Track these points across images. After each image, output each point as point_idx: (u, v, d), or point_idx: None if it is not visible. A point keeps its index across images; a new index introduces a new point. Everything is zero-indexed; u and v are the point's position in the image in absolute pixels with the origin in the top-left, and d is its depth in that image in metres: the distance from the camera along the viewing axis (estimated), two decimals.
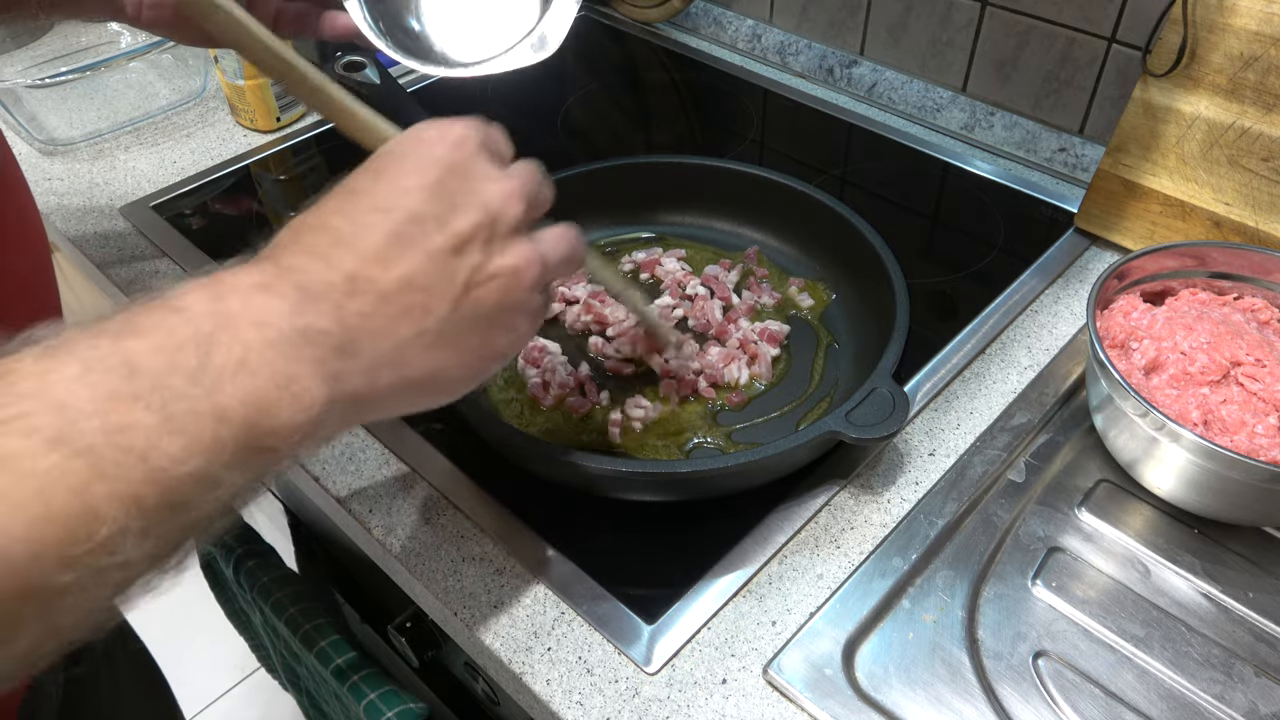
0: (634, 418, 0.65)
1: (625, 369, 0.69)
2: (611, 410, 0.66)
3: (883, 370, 0.60)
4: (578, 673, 0.53)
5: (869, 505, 0.61)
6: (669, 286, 0.75)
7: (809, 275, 0.77)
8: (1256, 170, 0.71)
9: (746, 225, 0.81)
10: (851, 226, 0.72)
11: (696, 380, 0.67)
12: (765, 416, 0.66)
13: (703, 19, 1.16)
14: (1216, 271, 0.67)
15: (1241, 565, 0.58)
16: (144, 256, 0.84)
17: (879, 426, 0.56)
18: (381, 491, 0.63)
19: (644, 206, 0.81)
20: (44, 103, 0.99)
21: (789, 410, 0.67)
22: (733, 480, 0.58)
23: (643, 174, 0.80)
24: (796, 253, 0.79)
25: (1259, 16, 0.68)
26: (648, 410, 0.65)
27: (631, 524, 0.61)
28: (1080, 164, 0.90)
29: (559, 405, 0.66)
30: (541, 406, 0.66)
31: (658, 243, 0.80)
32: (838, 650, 0.53)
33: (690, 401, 0.67)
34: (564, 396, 0.66)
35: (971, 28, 0.92)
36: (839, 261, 0.75)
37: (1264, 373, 0.58)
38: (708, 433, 0.65)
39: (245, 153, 0.97)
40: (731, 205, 0.80)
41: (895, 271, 0.67)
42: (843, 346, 0.71)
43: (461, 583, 0.57)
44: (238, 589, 0.78)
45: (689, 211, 0.81)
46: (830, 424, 0.56)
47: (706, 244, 0.80)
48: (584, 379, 0.67)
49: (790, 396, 0.68)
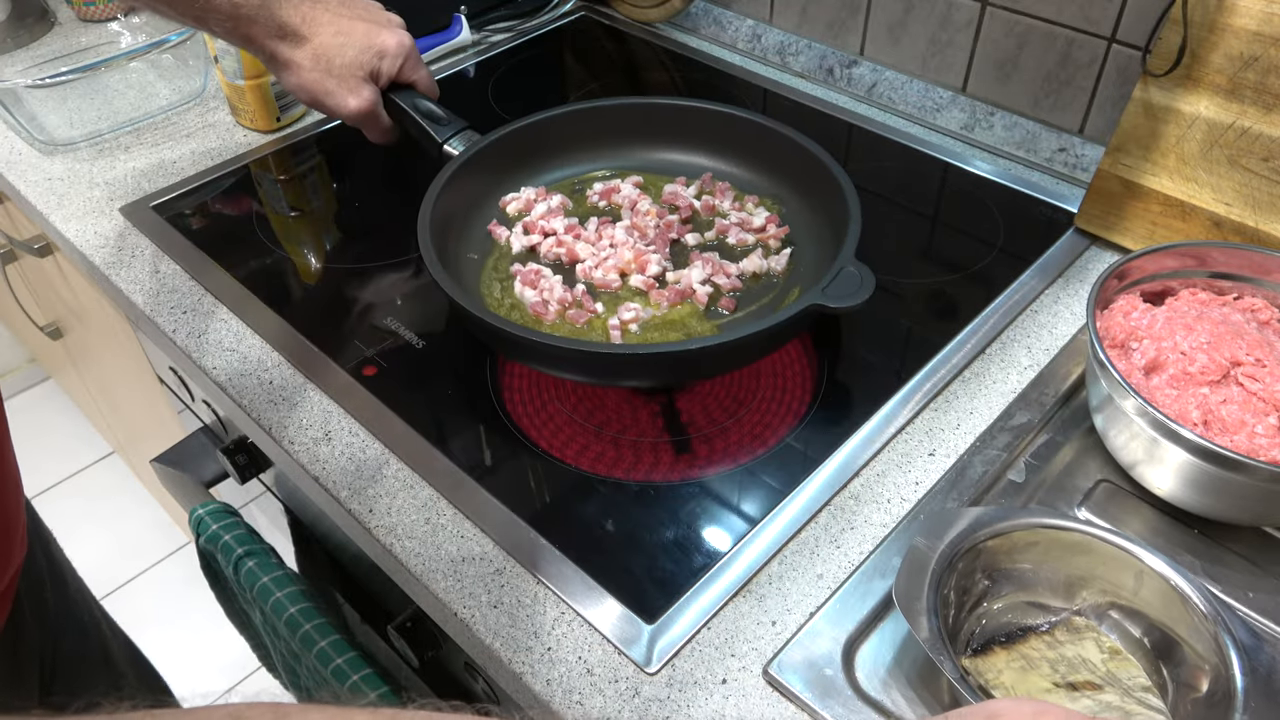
0: (627, 320, 0.70)
1: (613, 284, 0.74)
2: (609, 317, 0.71)
3: (846, 252, 0.66)
4: (578, 673, 0.53)
5: (869, 505, 0.61)
6: (626, 208, 0.81)
7: (759, 193, 0.83)
8: (1256, 170, 0.71)
9: (698, 155, 0.86)
10: (792, 142, 0.79)
11: (689, 288, 0.73)
12: (746, 310, 0.72)
13: (703, 19, 1.16)
14: (1216, 271, 0.67)
15: (1241, 565, 0.58)
16: (144, 256, 0.84)
17: (852, 296, 0.62)
18: (381, 491, 0.63)
19: (601, 145, 0.86)
20: (44, 103, 0.99)
21: (767, 302, 0.73)
22: (730, 358, 0.66)
23: (596, 116, 0.86)
24: (746, 174, 0.84)
25: (1259, 16, 0.68)
26: (638, 312, 0.71)
27: (632, 523, 0.61)
28: (1080, 164, 0.90)
29: (561, 317, 0.71)
30: (545, 321, 0.71)
31: (615, 176, 0.85)
32: (838, 650, 0.53)
33: (682, 305, 0.72)
34: (563, 310, 0.71)
35: (971, 28, 0.92)
36: (785, 176, 0.82)
37: (1264, 373, 0.58)
38: (699, 328, 0.71)
39: (245, 153, 0.97)
40: (683, 139, 0.86)
41: (840, 174, 0.74)
42: (802, 246, 0.78)
43: (461, 583, 0.57)
44: (238, 589, 0.78)
45: (643, 147, 0.87)
46: (811, 298, 0.62)
47: (661, 174, 0.86)
48: (579, 294, 0.72)
49: (766, 291, 0.74)
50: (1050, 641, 0.52)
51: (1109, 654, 0.51)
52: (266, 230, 0.87)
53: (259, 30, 0.75)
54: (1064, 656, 0.51)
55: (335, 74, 0.78)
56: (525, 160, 0.83)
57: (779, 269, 0.75)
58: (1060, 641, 0.52)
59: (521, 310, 0.72)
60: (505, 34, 1.17)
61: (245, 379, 0.72)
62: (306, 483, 0.66)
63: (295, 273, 0.83)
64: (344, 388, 0.70)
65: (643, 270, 0.74)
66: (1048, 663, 0.51)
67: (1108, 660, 0.51)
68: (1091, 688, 0.49)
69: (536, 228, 0.78)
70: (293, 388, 0.71)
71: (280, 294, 0.79)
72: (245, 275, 0.81)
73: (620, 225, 0.78)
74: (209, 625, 1.15)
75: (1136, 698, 0.49)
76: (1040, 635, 0.53)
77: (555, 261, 0.77)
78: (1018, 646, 0.52)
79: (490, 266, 0.77)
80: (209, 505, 0.80)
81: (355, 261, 0.84)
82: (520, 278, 0.74)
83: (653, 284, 0.73)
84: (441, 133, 0.81)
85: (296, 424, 0.68)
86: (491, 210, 0.82)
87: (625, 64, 1.14)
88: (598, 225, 0.78)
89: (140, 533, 1.79)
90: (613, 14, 1.21)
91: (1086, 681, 0.50)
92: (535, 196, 0.81)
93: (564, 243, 0.77)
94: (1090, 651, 0.51)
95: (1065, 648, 0.52)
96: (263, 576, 0.74)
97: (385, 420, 0.67)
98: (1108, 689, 0.49)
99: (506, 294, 0.74)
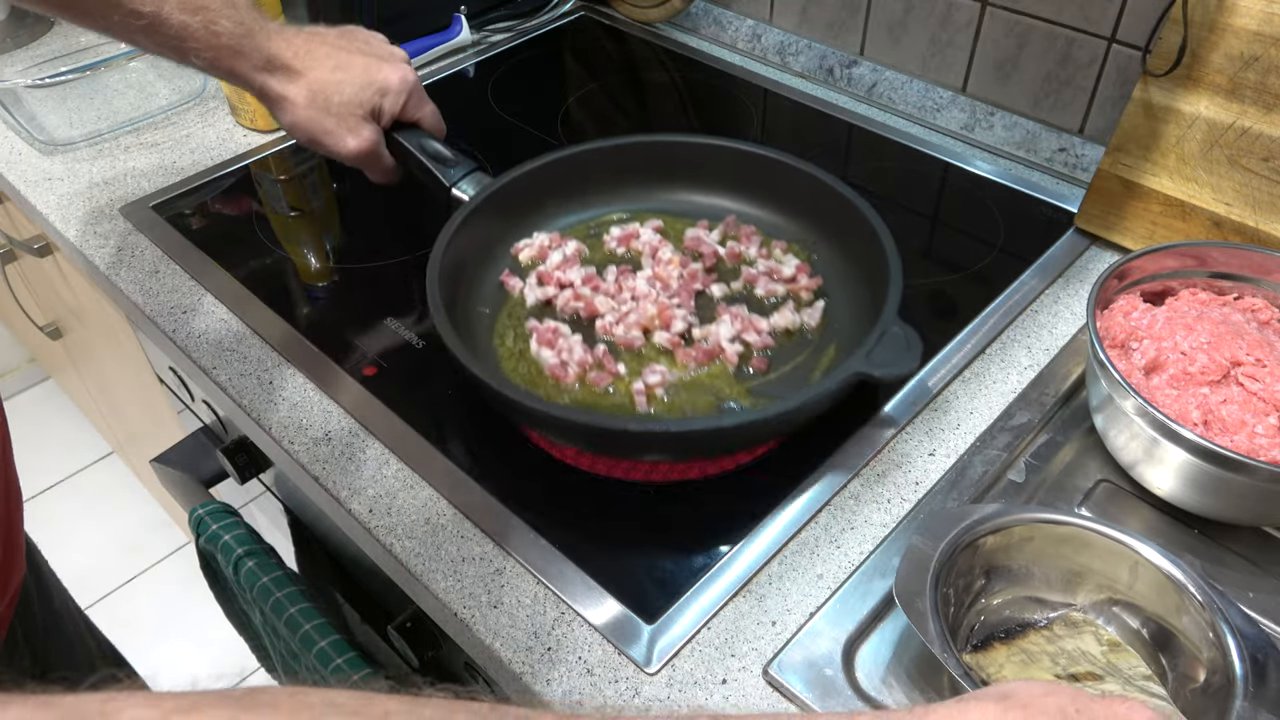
0: (653, 384, 0.65)
1: (636, 342, 0.69)
2: (633, 380, 0.66)
3: (889, 312, 0.62)
4: (578, 673, 0.53)
5: (869, 505, 0.61)
6: (647, 255, 0.76)
7: (787, 238, 0.77)
8: (1256, 170, 0.71)
9: (720, 197, 0.81)
10: (820, 183, 0.74)
11: (718, 347, 0.68)
12: (779, 371, 0.67)
13: (703, 19, 1.16)
14: (1216, 271, 0.67)
15: (1241, 565, 0.58)
16: (144, 256, 0.84)
17: (899, 364, 0.59)
18: (381, 491, 0.63)
19: (618, 186, 0.82)
20: (44, 103, 0.99)
21: (801, 361, 0.68)
22: (771, 430, 0.61)
23: (613, 156, 0.81)
24: (772, 217, 0.79)
25: (1259, 16, 0.68)
26: (664, 374, 0.65)
27: (632, 523, 0.61)
28: (1080, 164, 0.90)
29: (580, 380, 0.66)
30: (562, 385, 0.66)
31: (633, 219, 0.81)
32: (838, 650, 0.53)
33: (711, 365, 0.67)
34: (583, 373, 0.66)
35: (971, 28, 0.92)
36: (814, 220, 0.77)
37: (1264, 373, 0.58)
38: (730, 391, 0.66)
39: (245, 153, 0.97)
40: (704, 179, 0.81)
41: (875, 219, 0.69)
42: (835, 297, 0.73)
43: (461, 583, 0.57)
44: (238, 589, 0.78)
45: (662, 188, 0.82)
46: (854, 365, 0.59)
47: (682, 216, 0.81)
48: (600, 354, 0.67)
49: (799, 349, 0.69)
50: (1049, 636, 0.52)
51: (1108, 646, 0.51)
52: (266, 230, 0.87)
53: (244, 64, 0.69)
54: (1064, 650, 0.51)
55: (333, 112, 0.72)
56: (538, 203, 0.79)
57: (813, 324, 0.70)
58: (1059, 636, 0.52)
59: (535, 364, 0.68)
60: (505, 34, 1.17)
61: (245, 379, 0.72)
62: (306, 483, 0.66)
63: (295, 273, 0.83)
64: (344, 388, 0.70)
65: (667, 326, 0.69)
66: (1048, 656, 0.51)
67: (1107, 652, 0.51)
68: (1093, 679, 0.49)
69: (552, 278, 0.73)
70: (293, 388, 0.71)
71: (280, 294, 0.79)
72: (245, 275, 0.81)
73: (642, 275, 0.73)
74: (209, 625, 1.15)
75: (1138, 685, 0.49)
76: (1039, 630, 0.53)
77: (573, 316, 0.72)
78: (1017, 641, 0.52)
79: (504, 320, 0.72)
80: (209, 505, 0.80)
81: (355, 261, 0.84)
82: (537, 336, 0.69)
83: (678, 342, 0.68)
84: (449, 175, 0.76)
85: (296, 424, 0.68)
86: (503, 258, 0.77)
87: (625, 64, 1.14)
88: (617, 275, 0.74)
89: (140, 533, 1.79)
90: (612, 14, 1.21)
91: (1088, 673, 0.50)
92: (549, 243, 0.76)
93: (582, 296, 0.71)
94: (1090, 645, 0.52)
95: (1065, 641, 0.52)
96: (263, 576, 0.74)
97: (385, 420, 0.67)
98: (1109, 679, 0.49)
99: (522, 353, 0.69)
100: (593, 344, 0.69)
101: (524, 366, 0.68)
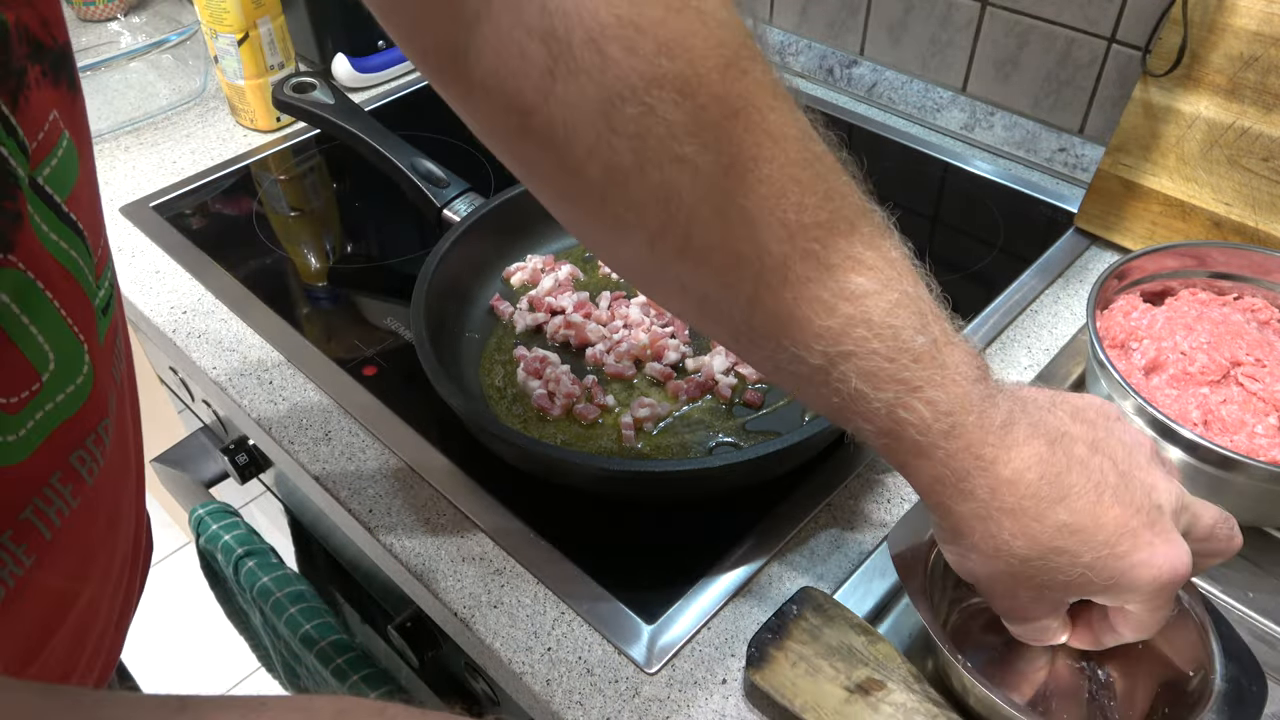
0: (642, 418, 0.65)
1: (627, 372, 0.68)
2: (621, 414, 0.65)
3: None
4: (578, 673, 0.53)
5: (869, 505, 0.61)
6: None
7: None
8: (1256, 170, 0.71)
9: None
10: None
11: (711, 380, 0.67)
12: (773, 406, 0.67)
13: None
14: (1216, 271, 0.67)
15: (1241, 565, 0.58)
16: (144, 256, 0.84)
17: None
18: (381, 491, 0.63)
19: None
20: None
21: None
22: (758, 472, 0.59)
23: None
24: None
25: (1259, 16, 0.68)
26: (654, 408, 0.65)
27: (632, 524, 0.61)
28: (1080, 164, 0.90)
29: (567, 413, 0.66)
30: (549, 417, 0.65)
31: None
32: None
33: (703, 399, 0.67)
34: (570, 405, 0.66)
35: (971, 28, 0.92)
36: None
37: (1264, 373, 0.58)
38: (723, 428, 0.65)
39: (245, 153, 0.97)
40: None
41: None
42: None
43: (461, 583, 0.57)
44: (238, 589, 0.78)
45: None
46: None
47: None
48: (588, 385, 0.67)
49: None
50: None
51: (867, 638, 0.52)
52: (266, 230, 0.87)
53: (928, 470, 0.42)
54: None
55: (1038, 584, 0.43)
56: (532, 225, 0.77)
57: None
58: None
59: (524, 403, 0.66)
60: None
61: (245, 379, 0.72)
62: (306, 483, 0.66)
63: (295, 273, 0.83)
64: (344, 388, 0.70)
65: (659, 357, 0.68)
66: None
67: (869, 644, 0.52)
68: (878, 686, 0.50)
69: (544, 304, 0.72)
70: (293, 388, 0.71)
71: (280, 294, 0.79)
72: (245, 275, 0.81)
73: (635, 302, 0.73)
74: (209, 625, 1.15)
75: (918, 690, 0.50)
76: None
77: (563, 344, 0.71)
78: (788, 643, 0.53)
79: (493, 347, 0.71)
80: (209, 505, 0.80)
81: (355, 261, 0.84)
82: (524, 365, 0.68)
83: (670, 374, 0.68)
84: (441, 195, 0.75)
85: (296, 424, 0.68)
86: (494, 282, 0.76)
87: None
88: (611, 301, 0.73)
89: None
90: None
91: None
92: (543, 266, 0.76)
93: (573, 324, 0.70)
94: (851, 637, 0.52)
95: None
96: (263, 576, 0.74)
97: (385, 420, 0.67)
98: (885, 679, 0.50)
99: (509, 382, 0.68)
100: (581, 374, 0.68)
101: (510, 392, 0.67)
